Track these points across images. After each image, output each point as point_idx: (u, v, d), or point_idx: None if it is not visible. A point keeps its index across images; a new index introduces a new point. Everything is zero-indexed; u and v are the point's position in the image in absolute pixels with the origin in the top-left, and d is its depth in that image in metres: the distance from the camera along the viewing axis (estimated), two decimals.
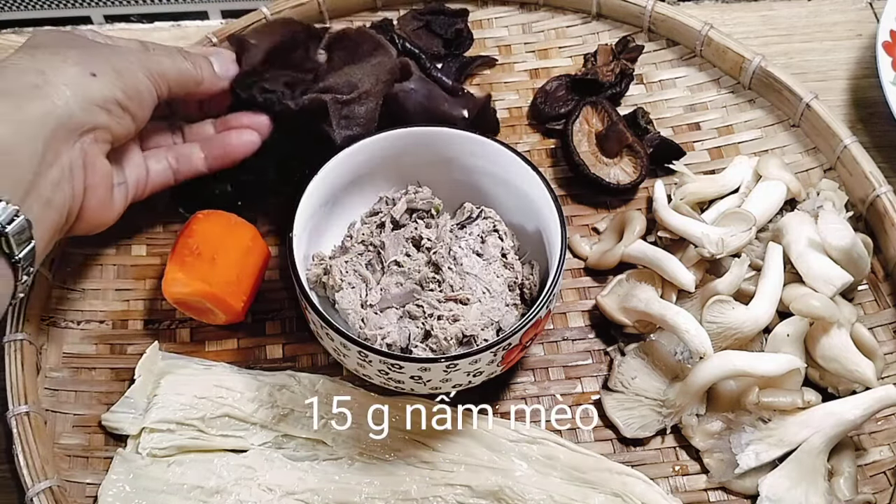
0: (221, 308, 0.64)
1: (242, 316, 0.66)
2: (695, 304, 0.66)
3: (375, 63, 0.70)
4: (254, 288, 0.66)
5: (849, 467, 0.61)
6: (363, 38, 0.72)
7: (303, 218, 0.61)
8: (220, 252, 0.64)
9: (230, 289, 0.64)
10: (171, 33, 0.85)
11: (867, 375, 0.61)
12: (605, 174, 0.73)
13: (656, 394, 0.64)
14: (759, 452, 0.60)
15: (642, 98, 0.80)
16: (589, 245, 0.72)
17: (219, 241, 0.65)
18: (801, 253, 0.65)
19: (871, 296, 0.69)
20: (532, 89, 0.80)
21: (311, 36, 0.73)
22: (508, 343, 0.57)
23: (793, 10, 0.87)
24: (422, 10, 0.83)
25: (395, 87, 0.70)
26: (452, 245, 0.63)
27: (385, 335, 0.59)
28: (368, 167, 0.66)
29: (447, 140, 0.65)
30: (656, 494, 0.60)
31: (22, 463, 0.59)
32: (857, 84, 0.82)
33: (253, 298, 0.67)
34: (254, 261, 0.66)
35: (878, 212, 0.70)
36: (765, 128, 0.78)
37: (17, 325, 0.64)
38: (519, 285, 0.63)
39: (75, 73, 0.56)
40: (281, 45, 0.71)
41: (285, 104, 0.67)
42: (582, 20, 0.84)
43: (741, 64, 0.78)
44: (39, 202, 0.53)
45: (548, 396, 0.66)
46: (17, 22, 0.91)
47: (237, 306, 0.64)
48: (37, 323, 0.66)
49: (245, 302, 0.65)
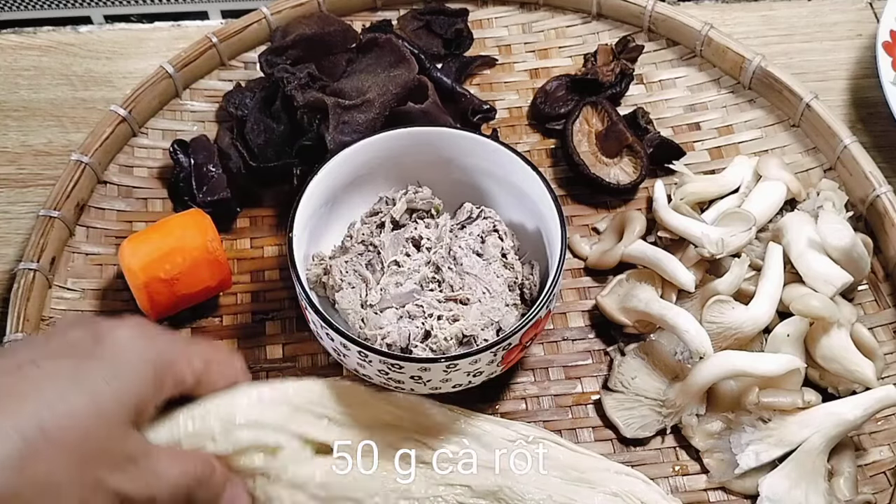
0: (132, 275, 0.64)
1: (149, 307, 0.65)
2: (695, 304, 0.66)
3: (392, 75, 0.71)
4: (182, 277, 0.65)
5: (849, 467, 0.61)
6: (389, 48, 0.73)
7: (303, 218, 0.61)
8: (164, 232, 0.65)
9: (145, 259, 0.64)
10: (170, 33, 0.85)
11: (867, 375, 0.61)
12: (605, 174, 0.73)
13: (656, 394, 0.64)
14: (759, 452, 0.60)
15: (642, 98, 0.80)
16: (589, 245, 0.72)
17: (171, 227, 0.66)
18: (801, 253, 0.65)
19: (871, 296, 0.69)
20: (532, 89, 0.80)
21: (346, 37, 0.75)
22: (508, 343, 0.57)
23: (793, 10, 0.87)
24: (422, 10, 0.83)
25: (408, 105, 0.70)
26: (452, 245, 0.63)
27: (385, 335, 0.59)
28: (368, 167, 0.66)
29: (447, 140, 0.65)
30: (656, 494, 0.60)
31: None
32: (857, 84, 0.82)
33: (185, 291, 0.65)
34: (192, 255, 0.65)
35: (878, 212, 0.70)
36: (765, 128, 0.78)
37: (17, 325, 0.64)
38: (519, 285, 0.63)
39: None
40: (315, 37, 0.72)
41: (293, 94, 0.68)
42: (582, 20, 0.84)
43: (741, 64, 0.78)
44: None
45: (548, 396, 0.66)
46: (17, 22, 0.91)
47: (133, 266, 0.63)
48: (36, 323, 0.66)
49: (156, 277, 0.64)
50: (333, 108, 0.67)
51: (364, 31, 0.79)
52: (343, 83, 0.71)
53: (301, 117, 0.70)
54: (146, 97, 0.76)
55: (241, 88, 0.77)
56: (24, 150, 0.78)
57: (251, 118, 0.73)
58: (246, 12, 0.81)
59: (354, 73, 0.73)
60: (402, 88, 0.70)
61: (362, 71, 0.72)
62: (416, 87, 0.71)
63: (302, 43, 0.74)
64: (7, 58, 0.83)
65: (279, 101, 0.72)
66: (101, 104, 0.80)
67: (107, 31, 0.86)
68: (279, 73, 0.70)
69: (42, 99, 0.81)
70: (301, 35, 0.74)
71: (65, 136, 0.79)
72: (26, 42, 0.84)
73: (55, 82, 0.82)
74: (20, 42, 0.84)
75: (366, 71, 0.72)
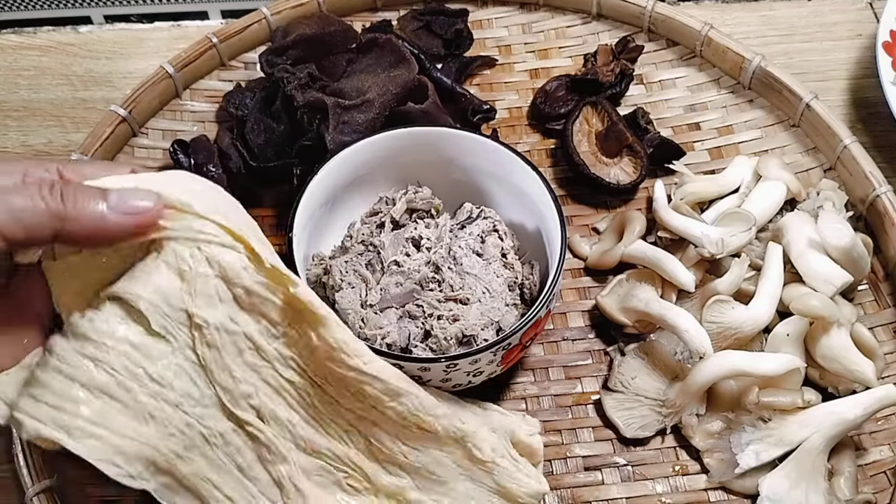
0: None
1: None
2: (695, 304, 0.66)
3: (392, 75, 0.71)
4: None
5: (849, 467, 0.61)
6: (389, 48, 0.73)
7: (303, 218, 0.61)
8: None
9: None
10: (170, 33, 0.85)
11: (867, 375, 0.61)
12: (605, 174, 0.73)
13: (656, 394, 0.64)
14: (759, 452, 0.60)
15: (642, 98, 0.80)
16: (589, 245, 0.72)
17: None
18: (801, 253, 0.65)
19: (871, 296, 0.69)
20: (532, 89, 0.80)
21: (346, 37, 0.75)
22: (508, 343, 0.57)
23: (793, 10, 0.87)
24: (422, 11, 0.83)
25: (408, 105, 0.70)
26: (452, 245, 0.63)
27: (385, 335, 0.59)
28: (368, 167, 0.66)
29: (447, 140, 0.65)
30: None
31: (22, 463, 0.59)
32: (857, 84, 0.82)
33: None
34: None
35: (878, 212, 0.70)
36: (765, 128, 0.78)
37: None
38: (519, 285, 0.63)
39: None
40: (315, 37, 0.73)
41: (293, 94, 0.68)
42: (582, 20, 0.84)
43: (741, 64, 0.78)
44: None
45: (548, 396, 0.66)
46: (17, 22, 0.91)
47: None
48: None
49: None
50: (333, 108, 0.67)
51: (364, 32, 0.79)
52: (343, 83, 0.71)
53: (301, 117, 0.70)
54: (146, 97, 0.76)
55: (241, 88, 0.77)
56: (24, 150, 0.78)
57: (251, 118, 0.73)
58: (246, 12, 0.81)
59: (354, 73, 0.73)
60: (402, 88, 0.70)
61: (362, 71, 0.72)
62: (416, 88, 0.71)
63: (302, 43, 0.74)
64: (7, 58, 0.83)
65: (279, 101, 0.72)
66: (101, 104, 0.80)
67: (107, 31, 0.86)
68: (279, 73, 0.70)
69: (42, 99, 0.81)
70: (301, 35, 0.75)
71: (65, 136, 0.79)
72: (26, 42, 0.84)
73: (55, 82, 0.82)
74: (20, 42, 0.84)
75: (366, 71, 0.72)
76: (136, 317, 0.49)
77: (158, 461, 0.49)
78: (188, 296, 0.50)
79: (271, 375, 0.53)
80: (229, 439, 0.52)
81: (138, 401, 0.48)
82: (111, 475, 0.47)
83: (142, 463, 0.48)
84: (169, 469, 0.49)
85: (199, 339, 0.50)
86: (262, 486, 0.53)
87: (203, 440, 0.51)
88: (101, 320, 0.48)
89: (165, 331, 0.49)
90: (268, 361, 0.53)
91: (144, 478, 0.48)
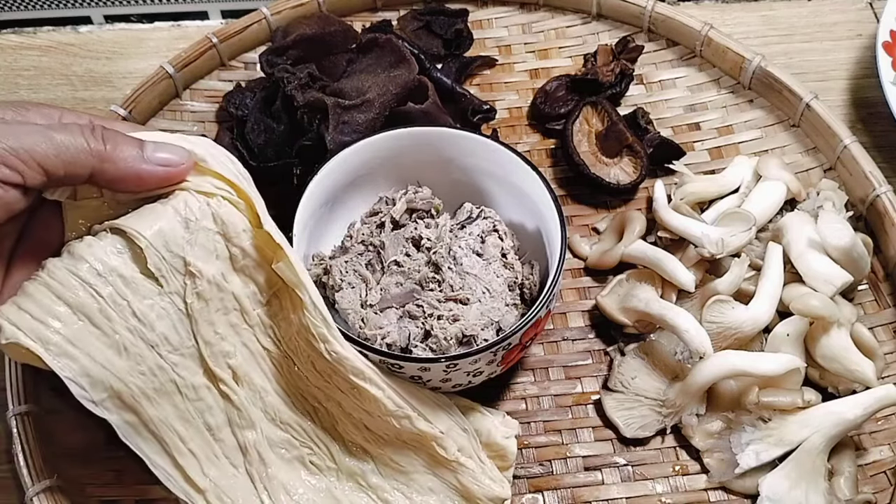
0: None
1: None
2: (695, 304, 0.66)
3: (392, 75, 0.71)
4: None
5: (849, 467, 0.61)
6: (389, 48, 0.73)
7: (303, 218, 0.61)
8: None
9: None
10: (170, 33, 0.85)
11: (867, 375, 0.61)
12: (605, 174, 0.73)
13: (656, 394, 0.64)
14: (759, 452, 0.60)
15: (642, 98, 0.80)
16: (589, 245, 0.72)
17: None
18: (801, 253, 0.65)
19: (871, 296, 0.69)
20: (532, 89, 0.80)
21: (347, 37, 0.75)
22: (508, 343, 0.57)
23: (793, 10, 0.87)
24: (422, 11, 0.83)
25: (408, 105, 0.70)
26: (452, 245, 0.63)
27: (385, 335, 0.59)
28: (368, 167, 0.66)
29: (447, 140, 0.65)
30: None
31: (22, 463, 0.59)
32: (857, 84, 0.82)
33: None
34: None
35: (878, 212, 0.70)
36: (765, 128, 0.78)
37: None
38: (519, 285, 0.63)
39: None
40: (315, 37, 0.73)
41: (293, 94, 0.68)
42: (582, 20, 0.84)
43: (741, 64, 0.78)
44: None
45: (548, 396, 0.66)
46: (17, 22, 0.91)
47: None
48: None
49: None
50: (333, 108, 0.67)
51: (364, 32, 0.79)
52: (343, 83, 0.71)
53: (301, 117, 0.70)
54: (146, 97, 0.76)
55: (241, 88, 0.77)
56: None
57: (251, 118, 0.73)
58: (246, 12, 0.81)
59: (354, 73, 0.73)
60: (402, 88, 0.70)
61: (362, 71, 0.72)
62: (416, 88, 0.71)
63: (302, 43, 0.74)
64: (7, 58, 0.83)
65: (279, 101, 0.72)
66: (101, 104, 0.80)
67: (107, 31, 0.86)
68: (279, 73, 0.70)
69: (42, 99, 0.81)
70: (301, 35, 0.75)
71: None
72: (26, 42, 0.84)
73: (55, 82, 0.82)
74: (20, 42, 0.84)
75: (366, 71, 0.72)
76: (133, 253, 0.50)
77: (124, 395, 0.50)
78: (188, 245, 0.52)
79: (251, 340, 0.55)
80: (202, 394, 0.53)
81: (116, 331, 0.49)
82: (76, 395, 0.48)
83: (106, 391, 0.49)
84: (133, 407, 0.50)
85: (191, 288, 0.52)
86: (226, 448, 0.55)
87: (175, 388, 0.52)
88: (99, 247, 0.50)
89: (159, 273, 0.51)
90: (250, 326, 0.55)
91: (107, 407, 0.50)
